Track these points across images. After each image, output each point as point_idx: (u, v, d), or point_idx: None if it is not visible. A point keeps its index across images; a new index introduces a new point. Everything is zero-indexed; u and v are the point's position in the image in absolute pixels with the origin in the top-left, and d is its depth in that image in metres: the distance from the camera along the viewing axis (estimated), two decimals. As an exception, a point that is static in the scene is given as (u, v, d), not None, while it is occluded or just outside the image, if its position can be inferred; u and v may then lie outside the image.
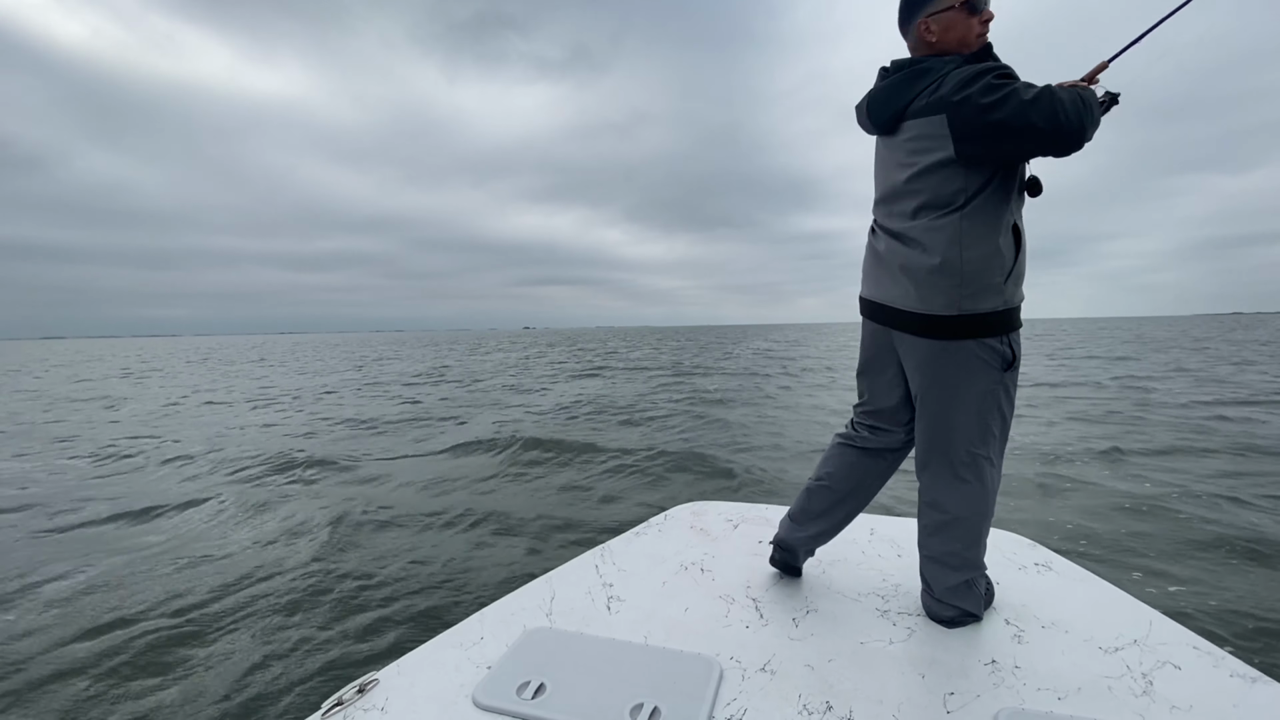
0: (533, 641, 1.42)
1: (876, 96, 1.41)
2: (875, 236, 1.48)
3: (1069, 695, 1.20)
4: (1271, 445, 5.97)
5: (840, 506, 1.62)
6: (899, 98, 1.35)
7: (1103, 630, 1.42)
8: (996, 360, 1.31)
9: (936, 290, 1.29)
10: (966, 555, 1.42)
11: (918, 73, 1.33)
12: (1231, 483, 4.73)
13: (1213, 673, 1.25)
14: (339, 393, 13.50)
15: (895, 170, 1.38)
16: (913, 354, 1.38)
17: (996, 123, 1.18)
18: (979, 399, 1.34)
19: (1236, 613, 2.66)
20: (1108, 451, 5.87)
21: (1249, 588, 2.93)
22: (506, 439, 7.08)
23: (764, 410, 9.47)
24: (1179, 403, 8.98)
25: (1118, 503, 4.27)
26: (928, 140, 1.29)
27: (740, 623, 1.51)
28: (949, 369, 1.33)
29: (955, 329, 1.30)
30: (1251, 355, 18.56)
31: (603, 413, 9.32)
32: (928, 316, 1.31)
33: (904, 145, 1.35)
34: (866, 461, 1.59)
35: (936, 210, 1.30)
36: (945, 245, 1.27)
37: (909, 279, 1.34)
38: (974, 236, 1.26)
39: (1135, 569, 3.18)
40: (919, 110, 1.30)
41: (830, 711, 1.18)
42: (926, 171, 1.30)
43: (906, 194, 1.35)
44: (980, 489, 1.39)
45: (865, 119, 1.48)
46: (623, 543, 2.01)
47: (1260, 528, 3.67)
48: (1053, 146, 1.19)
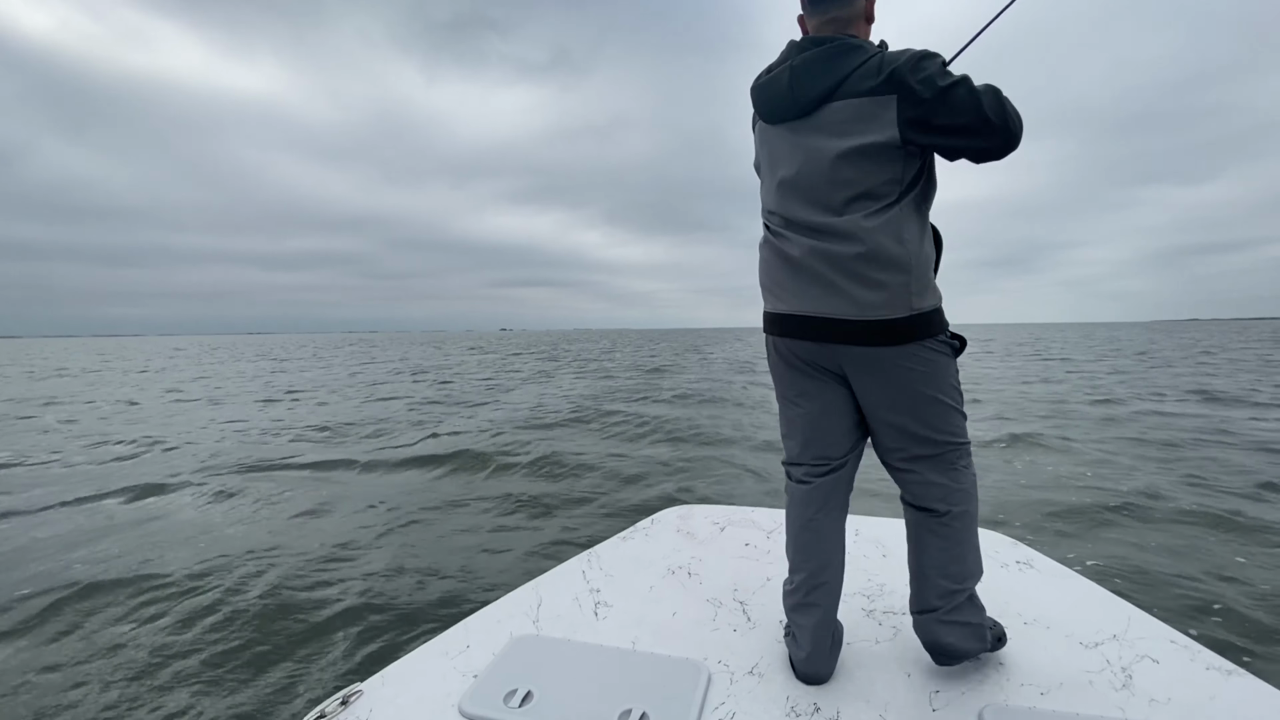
0: (520, 649, 1.40)
1: (804, 70, 1.20)
2: (784, 239, 1.28)
3: (1051, 690, 1.22)
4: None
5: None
6: (830, 73, 1.17)
7: (1083, 626, 1.45)
8: (949, 350, 1.24)
9: (887, 291, 1.16)
10: (971, 563, 1.27)
11: (848, 48, 1.18)
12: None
13: (1189, 666, 1.29)
14: (311, 393, 13.28)
15: (813, 157, 1.20)
16: (869, 368, 1.21)
17: (954, 109, 1.09)
18: (941, 395, 1.23)
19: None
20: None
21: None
22: (487, 443, 7.02)
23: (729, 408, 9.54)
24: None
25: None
26: (863, 121, 1.14)
27: (728, 626, 1.51)
28: (910, 372, 1.19)
29: (909, 332, 1.17)
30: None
31: (589, 414, 9.29)
32: (886, 322, 1.16)
33: (830, 128, 1.18)
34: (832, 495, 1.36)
35: (871, 202, 1.16)
36: (889, 240, 1.15)
37: (852, 282, 1.17)
38: (912, 230, 1.17)
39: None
40: (861, 88, 1.14)
41: (818, 713, 1.18)
42: (858, 156, 1.16)
43: (833, 184, 1.18)
44: (972, 476, 1.29)
45: (781, 97, 1.24)
46: (610, 548, 2.00)
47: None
48: (999, 144, 1.12)
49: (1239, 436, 6.73)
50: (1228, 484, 4.81)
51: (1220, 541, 3.62)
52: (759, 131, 1.36)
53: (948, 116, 1.09)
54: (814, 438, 1.34)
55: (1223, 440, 6.56)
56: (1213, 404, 9.45)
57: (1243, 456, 5.78)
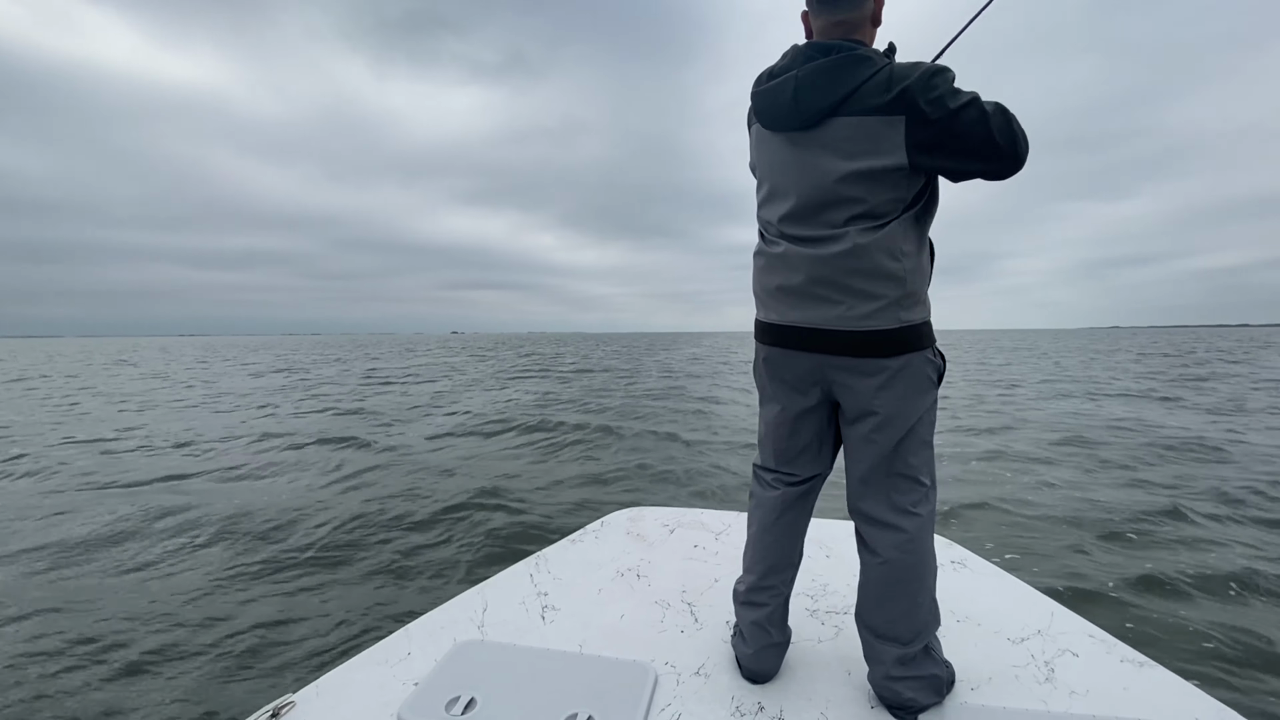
0: (463, 655, 1.37)
1: (809, 82, 1.14)
2: (779, 249, 1.25)
3: (980, 685, 1.28)
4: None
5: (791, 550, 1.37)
6: (840, 85, 1.11)
7: (1010, 623, 1.52)
8: (934, 373, 1.21)
9: (880, 304, 1.14)
10: (924, 608, 1.22)
11: (857, 58, 1.12)
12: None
13: (1106, 659, 1.37)
14: (249, 397, 12.70)
15: (815, 174, 1.17)
16: (854, 379, 1.19)
17: (963, 132, 1.06)
18: (923, 420, 1.21)
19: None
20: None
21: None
22: (434, 444, 6.86)
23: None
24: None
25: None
26: (872, 142, 1.11)
27: (676, 627, 1.51)
28: (892, 389, 1.17)
29: (899, 343, 1.16)
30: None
31: (540, 418, 9.19)
32: (873, 333, 1.15)
33: (834, 146, 1.14)
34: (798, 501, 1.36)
35: (871, 220, 1.14)
36: (887, 256, 1.13)
37: (848, 294, 1.16)
38: (910, 243, 1.16)
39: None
40: (868, 107, 1.09)
41: (762, 712, 1.20)
42: (867, 177, 1.12)
43: (837, 201, 1.15)
44: (930, 523, 1.24)
45: (785, 108, 1.19)
46: (558, 551, 1.98)
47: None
48: (1004, 168, 1.10)
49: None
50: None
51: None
52: (756, 135, 1.31)
53: (956, 140, 1.07)
54: (788, 450, 1.33)
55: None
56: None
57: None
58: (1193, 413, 9.29)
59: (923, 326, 1.18)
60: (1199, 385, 13.40)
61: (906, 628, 1.20)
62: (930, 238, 1.23)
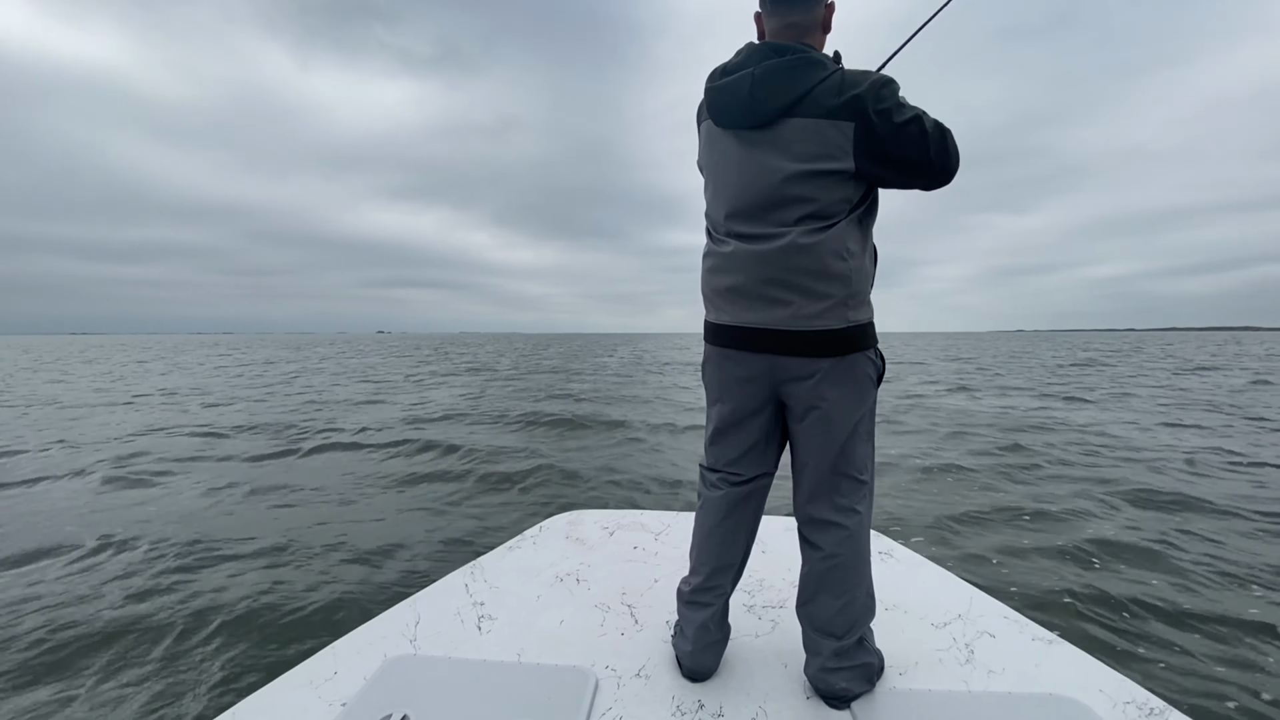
0: (394, 671, 1.31)
1: (765, 80, 1.16)
2: (727, 249, 1.26)
3: (908, 670, 1.34)
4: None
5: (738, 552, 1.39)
6: (791, 87, 1.14)
7: (934, 609, 1.60)
8: (874, 373, 1.25)
9: (828, 303, 1.17)
10: (860, 601, 1.26)
11: (810, 61, 1.15)
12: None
13: (1019, 638, 1.47)
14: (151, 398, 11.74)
15: (765, 173, 1.18)
16: (802, 378, 1.21)
17: (905, 145, 1.11)
18: (866, 418, 1.25)
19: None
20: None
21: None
22: (359, 448, 6.56)
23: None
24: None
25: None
26: (821, 145, 1.13)
27: (616, 630, 1.51)
28: (841, 388, 1.20)
29: (846, 343, 1.18)
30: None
31: (467, 419, 8.96)
32: (823, 333, 1.17)
33: (785, 146, 1.16)
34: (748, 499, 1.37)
35: (819, 220, 1.16)
36: (834, 256, 1.15)
37: (796, 294, 1.17)
38: (855, 244, 1.19)
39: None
40: (820, 110, 1.12)
41: (702, 709, 1.21)
42: (816, 177, 1.15)
43: (786, 200, 1.17)
44: (868, 518, 1.29)
45: (740, 105, 1.20)
46: (495, 558, 1.94)
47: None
48: (932, 184, 1.17)
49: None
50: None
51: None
52: (706, 132, 1.30)
53: (898, 150, 1.12)
54: (735, 449, 1.34)
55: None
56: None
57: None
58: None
59: (868, 327, 1.22)
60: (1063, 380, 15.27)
61: (843, 621, 1.24)
62: (874, 241, 1.27)
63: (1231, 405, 10.41)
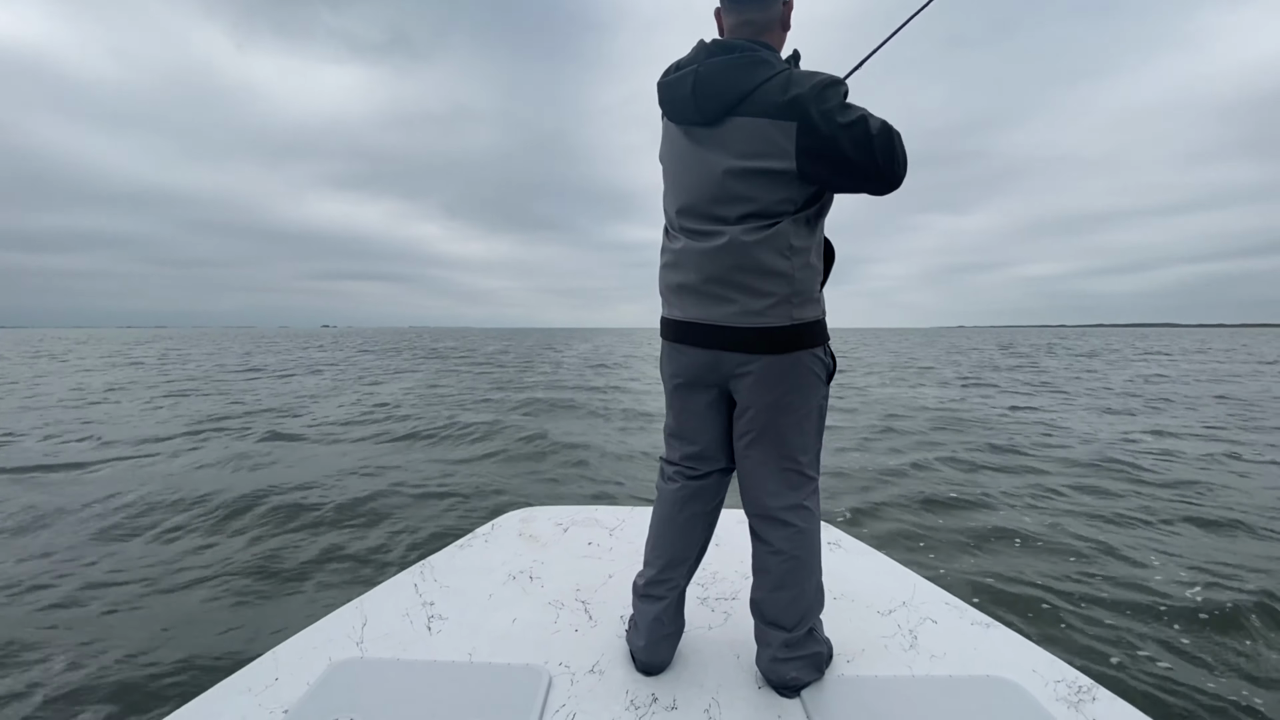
0: (339, 675, 1.27)
1: (708, 78, 1.17)
2: (679, 245, 1.28)
3: (855, 657, 1.38)
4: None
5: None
6: (737, 85, 1.15)
7: (880, 597, 1.66)
8: (823, 371, 1.26)
9: (771, 301, 1.18)
10: (810, 594, 1.29)
11: (756, 60, 1.16)
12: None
13: (959, 623, 1.53)
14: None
15: (710, 170, 1.20)
16: (745, 375, 1.23)
17: (848, 147, 1.10)
18: (813, 415, 1.27)
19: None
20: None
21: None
22: (295, 446, 6.32)
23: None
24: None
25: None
26: (764, 144, 1.14)
27: (570, 627, 1.50)
28: (785, 384, 1.22)
29: (790, 340, 1.20)
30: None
31: (411, 416, 8.75)
32: (766, 330, 1.19)
33: (730, 145, 1.18)
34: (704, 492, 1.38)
35: (761, 219, 1.17)
36: (775, 254, 1.17)
37: (739, 291, 1.19)
38: (800, 241, 1.19)
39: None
40: (763, 109, 1.13)
41: (655, 703, 1.22)
42: (758, 176, 1.16)
43: (730, 198, 1.19)
44: (817, 514, 1.31)
45: (684, 102, 1.21)
46: (445, 557, 1.89)
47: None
48: (879, 188, 1.17)
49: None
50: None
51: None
52: (664, 127, 1.33)
53: (840, 153, 1.10)
54: (690, 443, 1.36)
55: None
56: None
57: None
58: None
59: (815, 325, 1.23)
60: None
61: (793, 614, 1.26)
62: (828, 238, 1.28)
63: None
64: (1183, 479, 5.22)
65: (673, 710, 1.20)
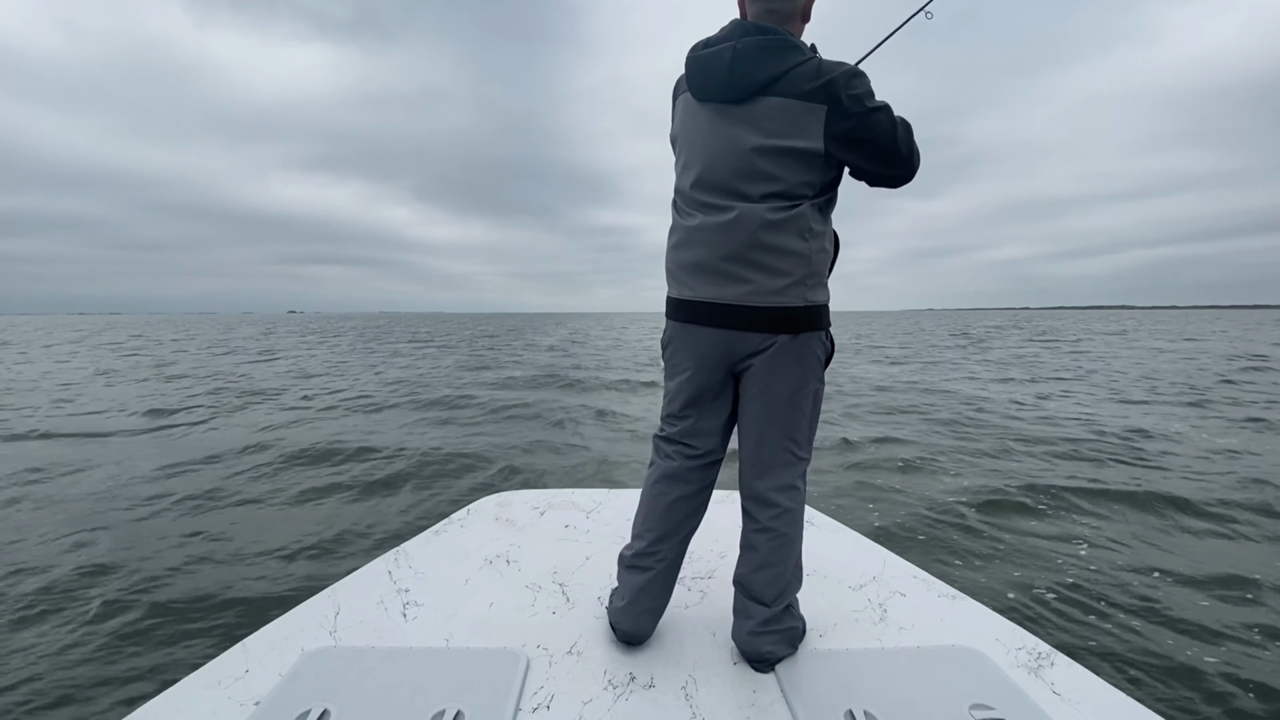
0: (312, 665, 1.25)
1: (746, 55, 1.19)
2: (693, 223, 1.28)
3: (827, 631, 1.41)
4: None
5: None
6: (770, 66, 1.18)
7: (851, 572, 1.70)
8: (824, 355, 1.29)
9: (788, 281, 1.21)
10: (790, 572, 1.33)
11: (789, 44, 1.20)
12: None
13: (926, 595, 1.58)
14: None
15: (737, 147, 1.22)
16: (756, 354, 1.25)
17: (874, 131, 1.16)
18: (811, 398, 1.30)
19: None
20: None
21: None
22: (263, 442, 6.18)
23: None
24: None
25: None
26: (793, 124, 1.17)
27: (547, 609, 1.50)
28: (793, 365, 1.25)
29: (804, 321, 1.23)
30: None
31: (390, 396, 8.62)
32: (781, 310, 1.22)
33: (759, 123, 1.20)
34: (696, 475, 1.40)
35: (783, 200, 1.20)
36: (796, 235, 1.20)
37: (757, 270, 1.21)
38: (818, 226, 1.23)
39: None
40: (794, 91, 1.16)
41: (633, 681, 1.23)
42: (782, 155, 1.19)
43: (755, 175, 1.20)
44: (804, 494, 1.35)
45: (720, 77, 1.22)
46: (420, 543, 1.88)
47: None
48: (900, 174, 1.22)
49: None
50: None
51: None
52: (682, 105, 1.32)
53: (868, 136, 1.16)
54: (690, 424, 1.37)
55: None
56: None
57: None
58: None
59: (823, 308, 1.26)
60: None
61: (774, 590, 1.30)
62: (835, 229, 1.31)
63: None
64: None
65: (650, 688, 1.21)
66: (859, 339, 28.79)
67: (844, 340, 26.07)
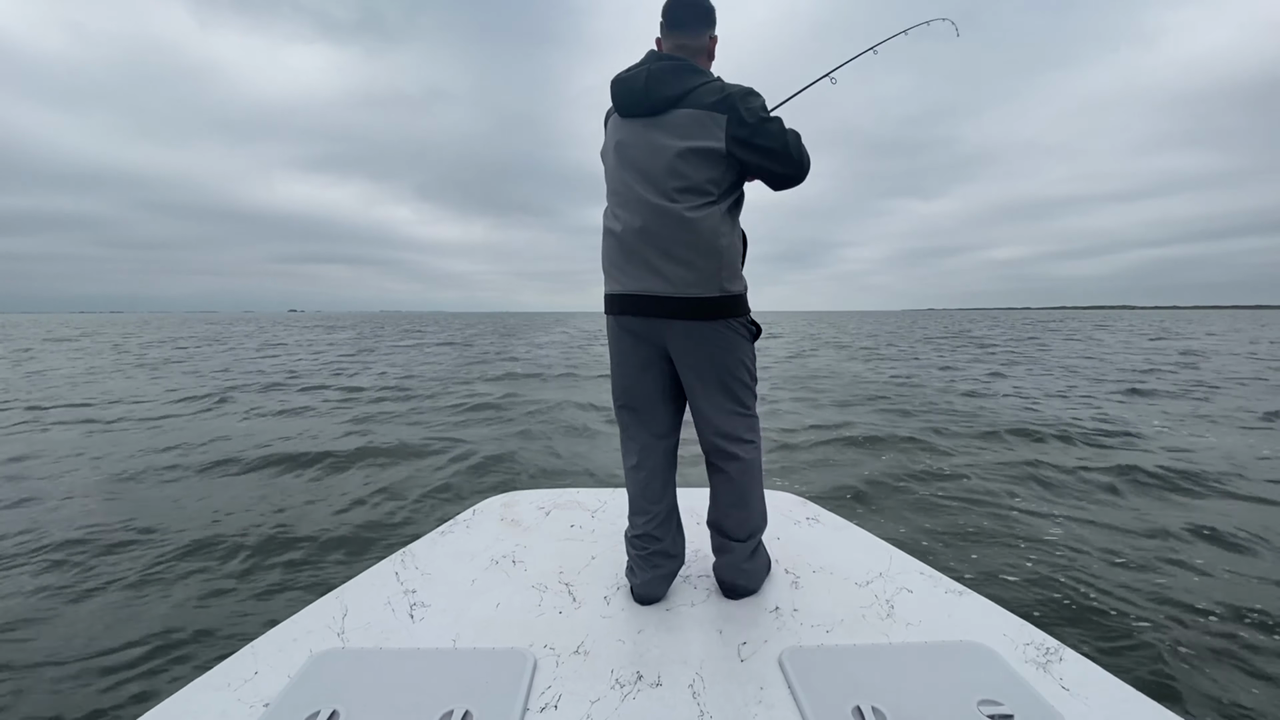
0: (321, 666, 1.25)
1: (658, 76, 1.42)
2: (620, 223, 1.46)
3: (834, 628, 1.41)
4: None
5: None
6: (677, 84, 1.41)
7: (857, 569, 1.69)
8: (747, 333, 1.47)
9: (704, 273, 1.38)
10: (757, 513, 1.54)
11: (694, 69, 1.43)
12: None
13: (933, 591, 1.57)
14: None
15: (656, 150, 1.41)
16: (685, 339, 1.43)
17: (767, 137, 1.36)
18: (742, 365, 1.47)
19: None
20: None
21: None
22: (266, 443, 6.19)
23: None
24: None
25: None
26: (700, 128, 1.38)
27: (554, 609, 1.50)
28: (718, 344, 1.42)
29: (721, 308, 1.40)
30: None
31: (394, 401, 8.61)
32: (701, 299, 1.39)
33: (673, 129, 1.40)
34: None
35: (696, 196, 1.38)
36: (709, 231, 1.38)
37: (673, 263, 1.38)
38: (726, 226, 1.41)
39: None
40: (701, 103, 1.38)
41: (640, 680, 1.23)
42: (692, 155, 1.38)
43: (670, 174, 1.39)
44: (759, 444, 1.55)
45: (637, 94, 1.44)
46: (426, 545, 1.88)
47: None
48: (792, 174, 1.41)
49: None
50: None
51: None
52: (612, 124, 1.52)
53: (762, 141, 1.37)
54: (640, 407, 1.56)
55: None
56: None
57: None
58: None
59: (740, 298, 1.45)
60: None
61: (745, 529, 1.53)
62: (743, 229, 1.51)
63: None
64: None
65: (657, 686, 1.21)
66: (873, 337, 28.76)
67: (846, 340, 25.98)
